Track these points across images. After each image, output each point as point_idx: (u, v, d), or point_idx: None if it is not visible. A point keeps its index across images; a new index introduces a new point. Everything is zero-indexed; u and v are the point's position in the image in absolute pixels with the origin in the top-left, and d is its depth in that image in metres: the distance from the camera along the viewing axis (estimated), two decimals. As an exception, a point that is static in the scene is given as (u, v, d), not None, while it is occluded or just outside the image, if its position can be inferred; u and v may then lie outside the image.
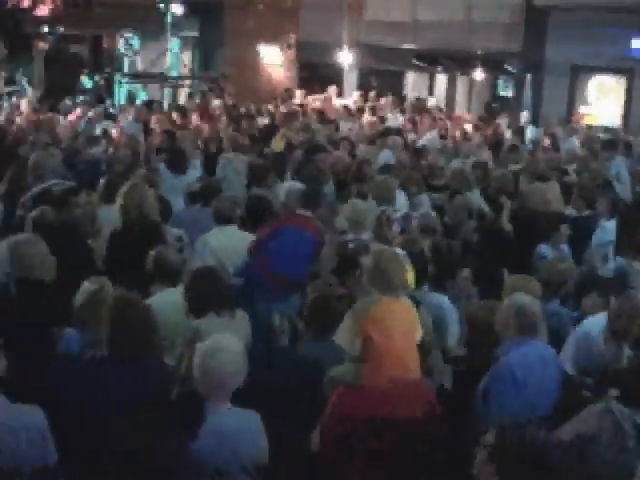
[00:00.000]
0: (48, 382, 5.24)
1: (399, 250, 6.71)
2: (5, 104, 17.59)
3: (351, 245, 7.58)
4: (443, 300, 6.95)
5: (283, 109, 18.48)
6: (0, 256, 6.42)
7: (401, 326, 5.54)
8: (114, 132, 14.02)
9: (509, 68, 21.54)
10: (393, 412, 5.37)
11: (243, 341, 5.51)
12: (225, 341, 4.84)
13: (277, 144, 13.75)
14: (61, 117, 15.47)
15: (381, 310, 5.51)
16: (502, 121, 18.30)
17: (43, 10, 22.34)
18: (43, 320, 5.82)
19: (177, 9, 22.48)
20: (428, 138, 15.76)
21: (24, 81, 20.88)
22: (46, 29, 22.61)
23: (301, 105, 19.47)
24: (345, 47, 22.64)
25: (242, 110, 18.51)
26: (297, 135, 14.12)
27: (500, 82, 24.06)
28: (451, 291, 7.17)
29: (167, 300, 6.39)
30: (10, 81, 21.68)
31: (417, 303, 6.14)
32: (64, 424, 4.81)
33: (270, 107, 19.67)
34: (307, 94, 21.62)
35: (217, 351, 4.71)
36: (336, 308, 6.12)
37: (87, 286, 5.87)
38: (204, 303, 6.05)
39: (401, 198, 9.64)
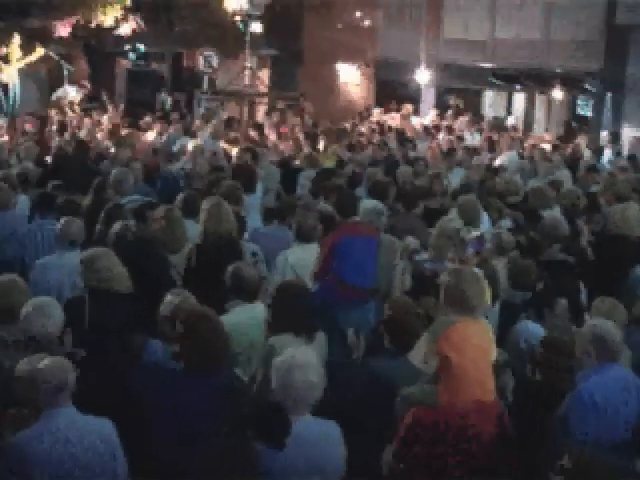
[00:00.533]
0: (131, 389, 5.35)
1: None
2: (87, 120, 17.91)
3: (428, 266, 7.54)
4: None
5: (361, 127, 18.53)
6: (74, 269, 6.59)
7: (478, 348, 5.51)
8: (193, 148, 14.15)
9: (589, 87, 21.27)
10: (466, 430, 5.36)
11: (320, 356, 5.53)
12: (303, 355, 4.88)
13: (328, 160, 13.76)
14: (141, 133, 15.71)
15: (459, 331, 5.48)
16: (581, 141, 18.09)
17: (125, 29, 22.73)
18: (117, 330, 5.96)
19: (256, 27, 22.69)
20: (506, 157, 15.64)
21: (106, 98, 21.25)
22: (128, 47, 23.03)
23: (378, 123, 19.50)
24: (423, 65, 22.63)
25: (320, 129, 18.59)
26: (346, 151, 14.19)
27: (579, 101, 23.77)
28: (548, 320, 7.00)
29: (243, 315, 6.42)
30: (92, 98, 22.10)
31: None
32: (141, 434, 4.90)
33: (347, 125, 19.72)
34: (384, 112, 21.64)
35: (296, 365, 4.76)
36: (412, 326, 6.10)
37: (169, 299, 5.96)
38: (285, 321, 6.00)
39: (484, 218, 9.51)
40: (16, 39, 20.62)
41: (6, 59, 20.65)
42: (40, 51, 21.31)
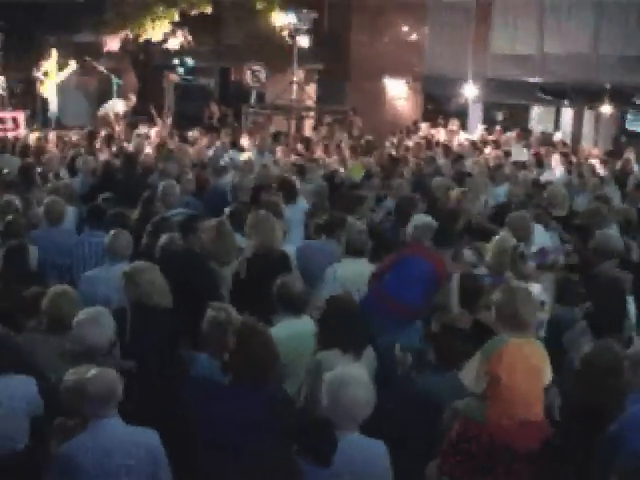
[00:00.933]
0: (176, 402, 5.39)
1: (536, 286, 6.60)
2: (134, 133, 18.08)
3: (488, 280, 7.45)
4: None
5: (408, 142, 18.50)
6: (117, 282, 6.66)
7: (530, 369, 5.48)
8: (240, 162, 14.21)
9: (638, 102, 21.07)
10: (511, 448, 5.33)
11: (369, 372, 5.49)
12: (353, 371, 4.86)
13: (356, 173, 13.71)
14: (189, 146, 15.81)
15: (511, 352, 5.44)
16: (630, 156, 17.88)
17: (174, 43, 22.98)
18: (158, 344, 6.01)
19: (303, 42, 22.80)
20: (553, 173, 15.52)
21: (154, 111, 21.44)
22: (176, 61, 23.23)
23: (425, 138, 19.46)
24: (470, 80, 22.56)
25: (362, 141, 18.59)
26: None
27: (629, 115, 23.55)
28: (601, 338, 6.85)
29: (290, 329, 6.42)
30: (140, 111, 22.30)
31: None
32: (186, 446, 4.91)
33: (394, 140, 19.71)
34: (431, 127, 21.60)
35: (347, 381, 4.73)
36: (459, 342, 6.07)
37: (212, 313, 5.98)
38: (333, 336, 5.94)
39: (539, 231, 9.36)
40: (54, 55, 20.90)
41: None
42: (73, 66, 21.58)
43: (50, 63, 21.04)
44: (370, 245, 8.23)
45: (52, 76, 21.01)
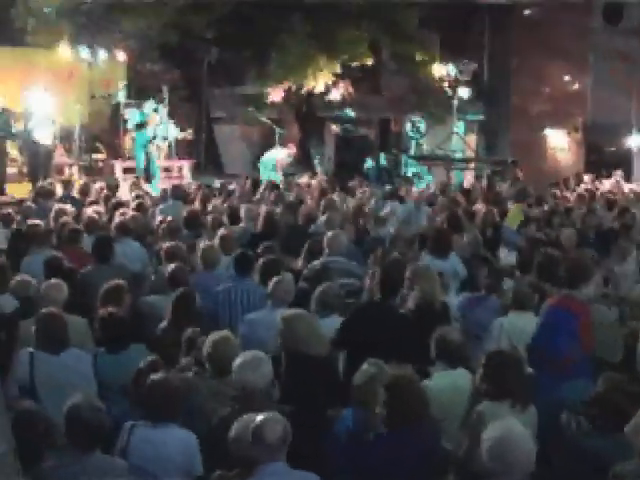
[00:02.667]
0: (324, 452, 5.43)
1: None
2: (296, 182, 18.38)
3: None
4: None
5: (567, 194, 18.16)
6: (277, 327, 6.77)
7: None
8: (397, 213, 14.25)
9: None
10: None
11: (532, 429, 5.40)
12: (518, 428, 4.75)
13: (514, 219, 13.47)
14: (349, 196, 15.97)
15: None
16: None
17: (335, 95, 23.36)
18: (311, 395, 6.08)
19: (464, 93, 22.82)
20: None
21: (315, 161, 21.79)
22: (338, 112, 23.60)
23: (588, 190, 19.05)
24: (634, 129, 22.05)
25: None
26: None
27: None
28: None
29: (447, 381, 6.38)
30: (303, 160, 22.72)
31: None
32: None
33: (557, 192, 19.37)
34: (595, 178, 21.17)
35: (512, 437, 4.64)
36: (626, 403, 5.88)
37: (366, 368, 5.97)
38: (499, 389, 5.83)
39: None
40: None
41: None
42: None
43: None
44: (536, 299, 8.09)
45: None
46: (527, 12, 24.38)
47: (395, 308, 7.84)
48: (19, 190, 18.16)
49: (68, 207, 12.57)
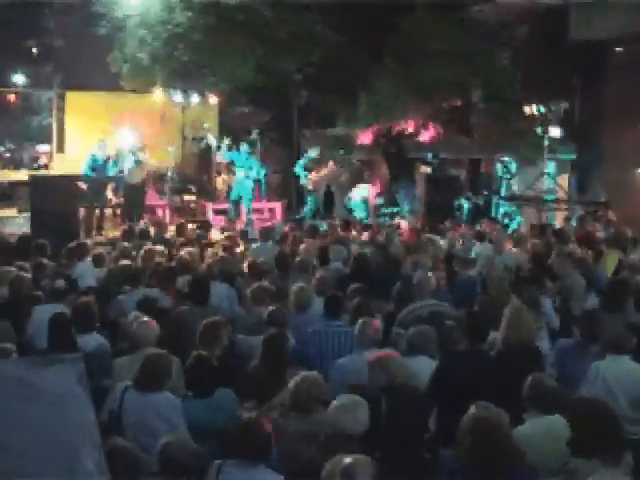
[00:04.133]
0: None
1: None
2: (386, 223, 18.42)
3: None
4: None
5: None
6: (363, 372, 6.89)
7: None
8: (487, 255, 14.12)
9: None
10: None
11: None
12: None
13: (609, 265, 13.21)
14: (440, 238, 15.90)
15: None
16: None
17: (425, 136, 23.39)
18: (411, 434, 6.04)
19: (554, 132, 22.62)
20: None
21: (405, 203, 21.78)
22: (428, 154, 23.59)
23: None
24: None
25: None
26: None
27: None
28: None
29: (540, 428, 6.27)
30: (392, 202, 22.74)
31: None
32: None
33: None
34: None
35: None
36: None
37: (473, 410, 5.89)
38: (590, 443, 5.25)
39: None
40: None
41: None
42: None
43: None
44: (635, 342, 7.81)
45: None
46: (619, 49, 24.07)
47: (486, 352, 7.79)
48: (113, 230, 18.62)
49: (158, 247, 12.81)
